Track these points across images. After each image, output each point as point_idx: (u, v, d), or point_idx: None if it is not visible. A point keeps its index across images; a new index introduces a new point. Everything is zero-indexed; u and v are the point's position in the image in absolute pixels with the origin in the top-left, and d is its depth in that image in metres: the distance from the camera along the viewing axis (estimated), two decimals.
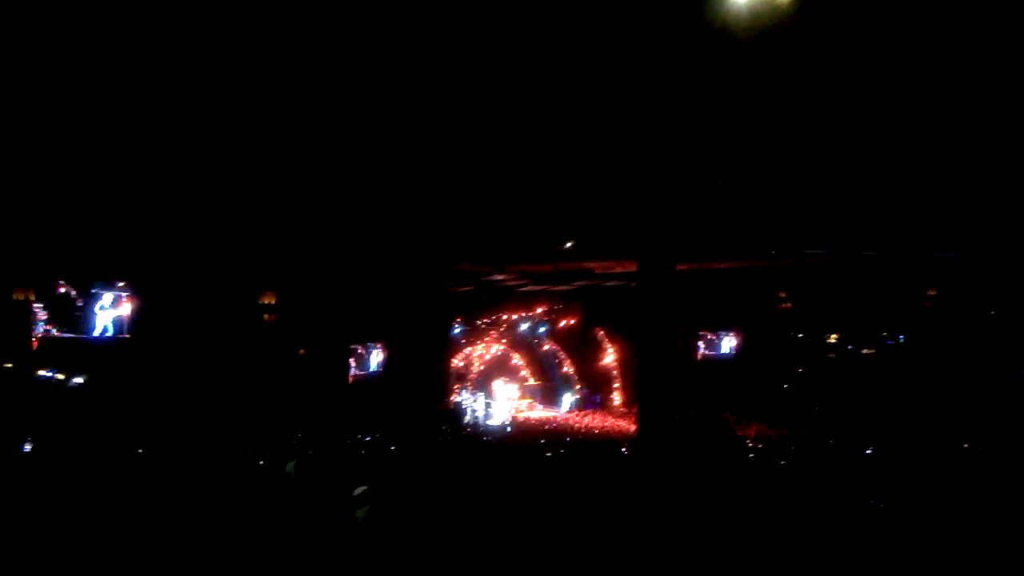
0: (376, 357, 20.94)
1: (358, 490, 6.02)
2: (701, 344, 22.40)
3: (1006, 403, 13.97)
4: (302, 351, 20.30)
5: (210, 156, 13.51)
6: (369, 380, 20.61)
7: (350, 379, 20.20)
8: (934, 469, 8.00)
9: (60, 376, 15.47)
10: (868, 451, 10.47)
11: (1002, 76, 11.41)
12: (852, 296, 22.25)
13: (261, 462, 9.61)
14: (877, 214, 16.66)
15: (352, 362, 20.51)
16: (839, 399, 17.84)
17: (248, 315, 19.40)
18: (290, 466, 7.01)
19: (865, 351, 23.30)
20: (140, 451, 10.11)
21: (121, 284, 15.75)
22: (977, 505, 5.86)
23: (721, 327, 22.43)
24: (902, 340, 22.26)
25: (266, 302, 20.09)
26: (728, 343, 22.48)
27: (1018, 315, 18.45)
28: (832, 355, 23.56)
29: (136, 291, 15.81)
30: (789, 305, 23.43)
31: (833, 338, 23.95)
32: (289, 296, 19.99)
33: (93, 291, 15.44)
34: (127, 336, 15.92)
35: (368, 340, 20.66)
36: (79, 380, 15.30)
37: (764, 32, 11.28)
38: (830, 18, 11.04)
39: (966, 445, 9.76)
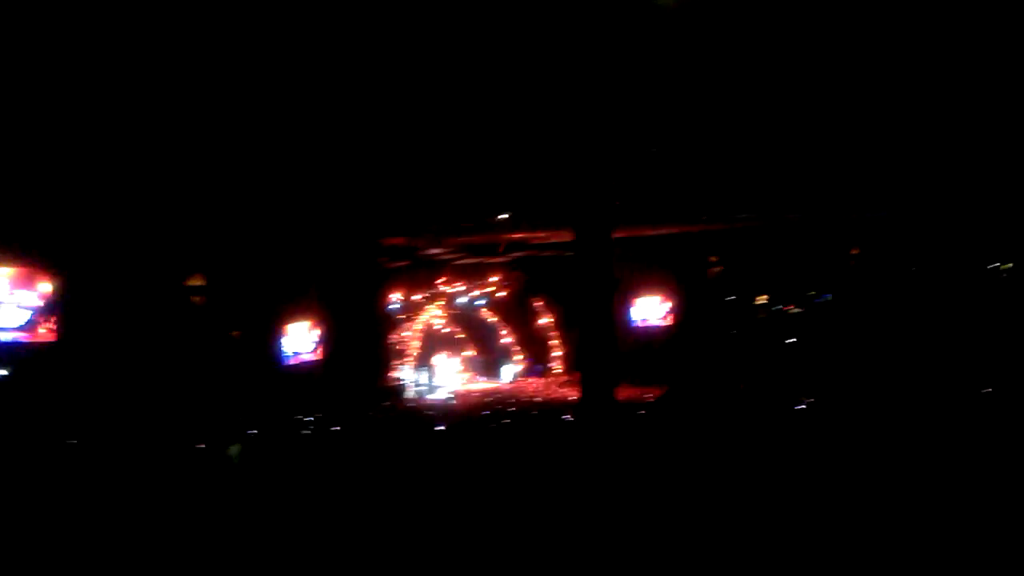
0: (314, 336, 20.61)
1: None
2: (639, 310, 22.77)
3: (928, 355, 14.68)
4: (236, 333, 19.80)
5: (131, 133, 12.99)
6: (307, 360, 20.28)
7: (288, 358, 19.85)
8: (864, 421, 8.37)
9: None
10: (800, 406, 10.85)
11: (920, 44, 11.81)
12: (780, 258, 22.92)
13: (200, 446, 9.39)
14: (801, 177, 17.16)
15: (289, 341, 20.13)
16: (771, 357, 18.46)
17: (176, 297, 18.80)
18: (233, 449, 6.88)
19: (793, 310, 24.07)
20: (71, 441, 9.78)
21: (40, 268, 15.03)
22: (905, 452, 6.17)
23: (657, 293, 22.82)
24: (828, 299, 23.07)
25: (195, 284, 19.48)
26: (664, 308, 22.91)
27: (937, 271, 19.35)
28: (763, 315, 24.27)
29: (59, 275, 15.11)
30: (721, 269, 24.01)
31: (763, 299, 24.65)
32: (219, 277, 19.44)
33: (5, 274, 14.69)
34: (48, 324, 15.24)
35: (304, 319, 20.30)
36: (2, 373, 14.62)
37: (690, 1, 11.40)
38: None
39: (894, 400, 10.23)
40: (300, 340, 20.37)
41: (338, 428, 13.33)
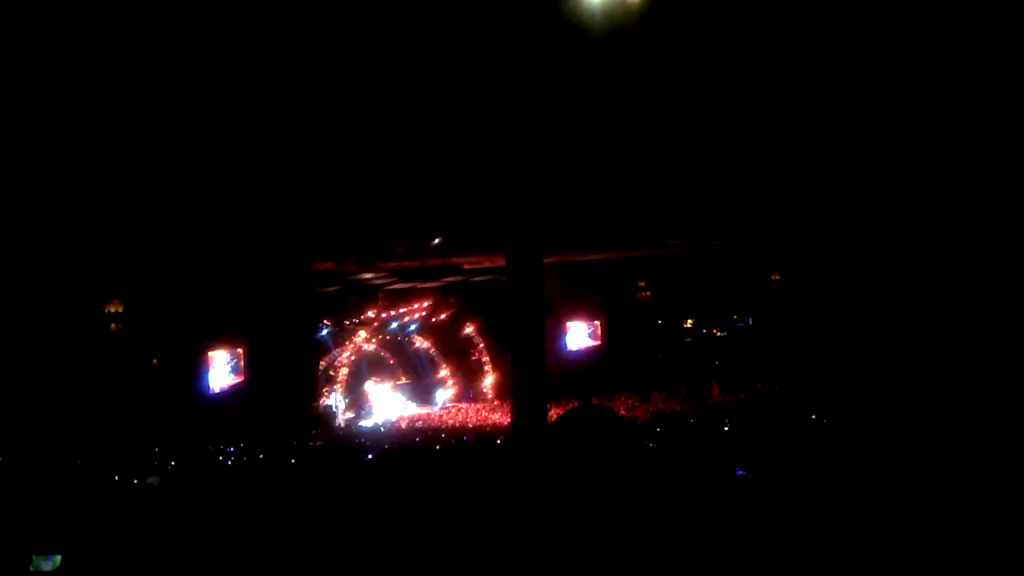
0: (239, 363, 20.06)
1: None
2: (570, 334, 22.97)
3: (845, 374, 15.23)
4: (155, 361, 19.12)
5: (44, 150, 12.51)
6: (232, 387, 19.70)
7: (211, 386, 19.24)
8: (788, 439, 8.61)
9: None
10: (725, 427, 11.10)
11: (840, 74, 12.39)
12: (705, 283, 23.56)
13: (116, 477, 9.02)
14: (725, 205, 17.71)
15: (212, 369, 19.54)
16: (697, 378, 18.89)
17: (93, 324, 18.09)
18: (152, 479, 6.62)
19: (718, 334, 24.72)
20: None
21: None
22: (827, 468, 6.34)
23: (588, 317, 23.09)
24: (751, 322, 23.79)
25: (113, 310, 18.78)
26: (594, 332, 23.18)
27: (853, 295, 20.17)
28: (689, 339, 24.84)
29: None
30: (648, 294, 24.51)
31: (689, 323, 25.25)
32: (138, 303, 18.78)
33: None
34: None
35: (229, 345, 19.75)
36: None
37: (620, 30, 11.72)
38: (681, 17, 11.60)
39: (814, 416, 10.58)
40: (224, 367, 19.80)
41: (261, 457, 12.97)
